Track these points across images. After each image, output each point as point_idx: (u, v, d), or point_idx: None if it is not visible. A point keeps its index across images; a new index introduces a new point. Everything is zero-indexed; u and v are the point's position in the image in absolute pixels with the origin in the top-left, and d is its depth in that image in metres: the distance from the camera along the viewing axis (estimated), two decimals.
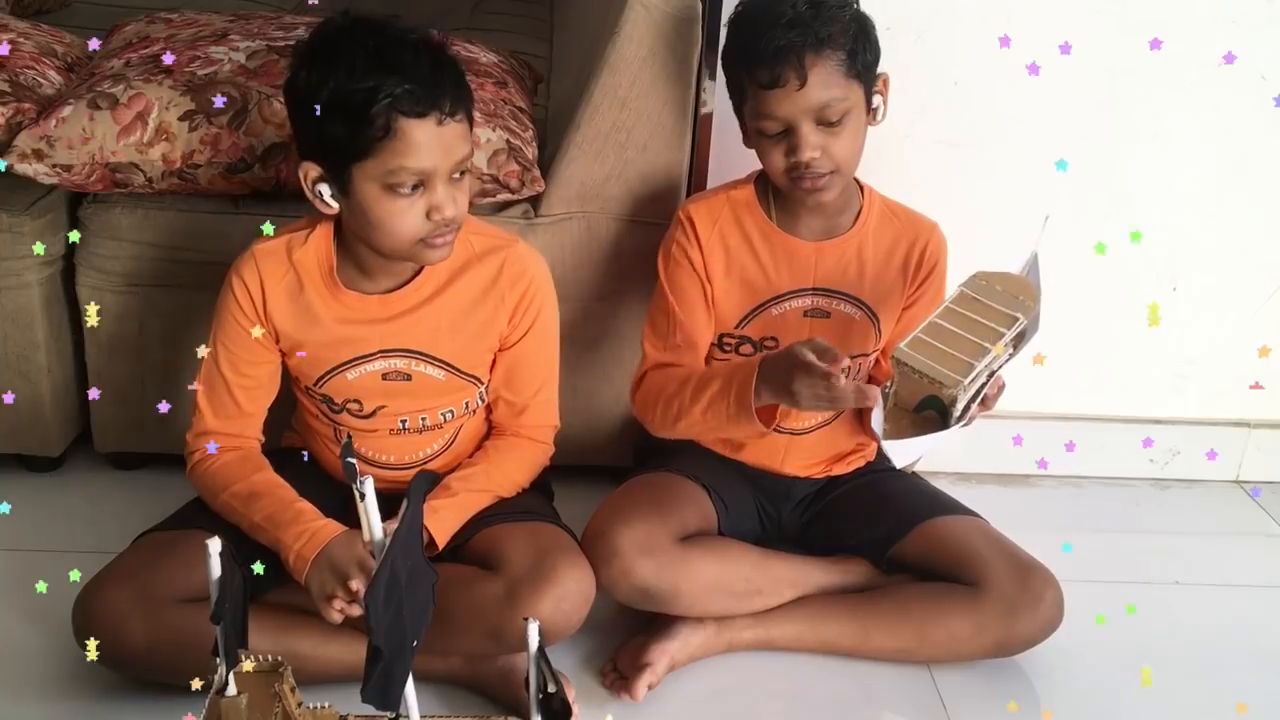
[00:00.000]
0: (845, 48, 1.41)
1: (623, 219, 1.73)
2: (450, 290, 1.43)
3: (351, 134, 1.25)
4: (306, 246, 1.41)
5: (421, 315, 1.43)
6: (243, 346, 1.42)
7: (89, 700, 1.39)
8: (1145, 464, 2.06)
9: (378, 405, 1.46)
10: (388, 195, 1.29)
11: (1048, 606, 1.50)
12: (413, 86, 1.25)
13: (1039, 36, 1.59)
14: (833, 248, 1.55)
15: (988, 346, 1.33)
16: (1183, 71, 1.80)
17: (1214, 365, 2.01)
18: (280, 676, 1.12)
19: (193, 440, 1.45)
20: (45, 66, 1.80)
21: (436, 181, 1.30)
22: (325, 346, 1.42)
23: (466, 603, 1.36)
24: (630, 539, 1.45)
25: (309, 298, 1.41)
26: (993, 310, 1.37)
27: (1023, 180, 1.82)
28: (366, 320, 1.42)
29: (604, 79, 1.64)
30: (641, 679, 1.45)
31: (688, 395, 1.51)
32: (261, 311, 1.41)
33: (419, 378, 1.45)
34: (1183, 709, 1.51)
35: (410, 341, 1.43)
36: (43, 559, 1.61)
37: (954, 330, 1.35)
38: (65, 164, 1.61)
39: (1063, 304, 1.93)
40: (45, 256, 1.68)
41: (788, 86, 1.40)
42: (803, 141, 1.43)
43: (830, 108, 1.42)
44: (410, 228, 1.31)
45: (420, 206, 1.31)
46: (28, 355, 1.70)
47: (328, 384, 1.45)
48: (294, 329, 1.42)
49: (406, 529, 0.96)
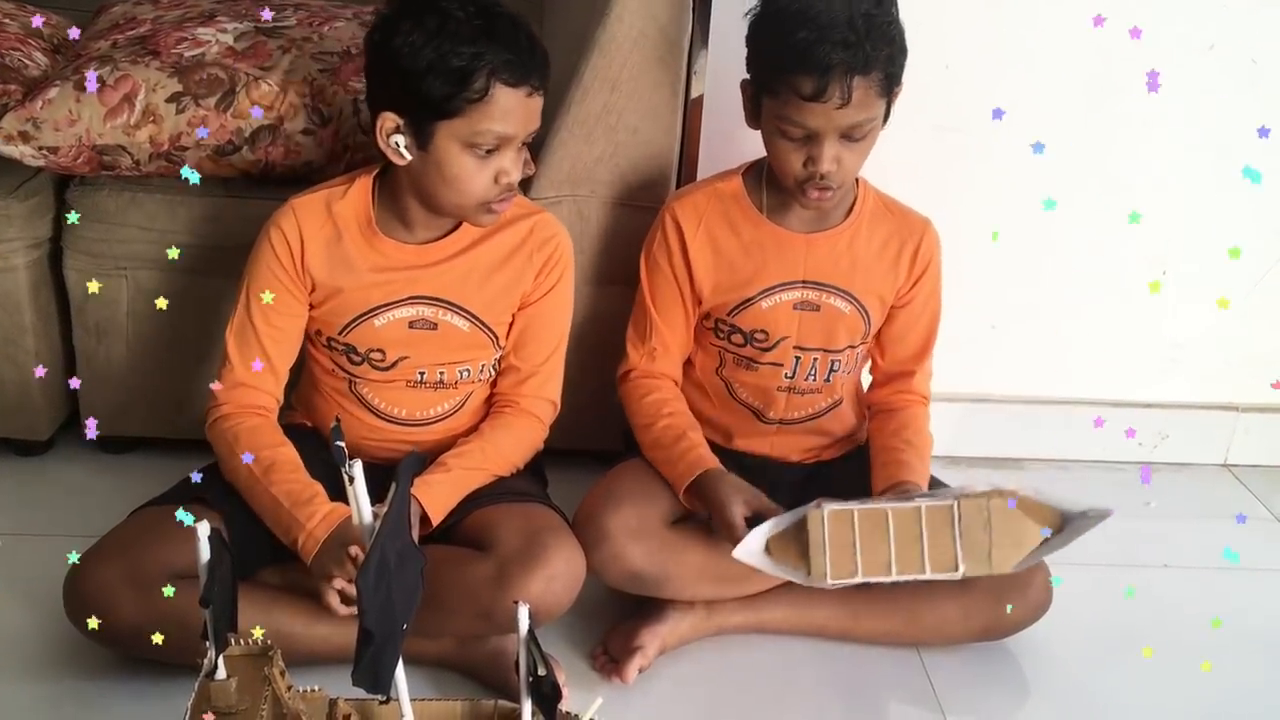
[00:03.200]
0: (886, 69, 1.40)
1: (613, 202, 1.73)
2: (483, 245, 1.48)
3: (449, 93, 1.32)
4: (345, 199, 1.45)
5: (453, 265, 1.47)
6: (277, 298, 1.44)
7: (82, 680, 1.39)
8: (1133, 447, 2.06)
9: (401, 355, 1.48)
10: (466, 154, 1.36)
11: (1036, 590, 1.50)
12: (513, 57, 1.33)
13: (1030, 20, 1.59)
14: (824, 239, 1.54)
15: (892, 574, 1.35)
16: (1173, 56, 1.80)
17: (1203, 349, 2.02)
18: (270, 660, 1.12)
19: (222, 392, 1.45)
20: (31, 48, 1.78)
21: (510, 148, 1.37)
22: (357, 292, 1.45)
23: (457, 583, 1.37)
24: (620, 523, 1.46)
25: (346, 247, 1.44)
26: (942, 547, 1.36)
27: (1014, 165, 1.81)
28: (401, 267, 1.45)
29: (594, 60, 1.64)
30: (632, 662, 1.46)
31: (644, 436, 1.57)
32: (299, 262, 1.44)
33: (444, 327, 1.47)
34: (1171, 691, 1.52)
35: (440, 289, 1.46)
36: (32, 543, 1.60)
37: (885, 535, 1.36)
38: (52, 146, 1.60)
39: (1054, 288, 1.95)
40: (32, 239, 1.67)
41: (829, 103, 1.38)
42: (825, 154, 1.42)
43: (861, 127, 1.41)
44: (480, 188, 1.38)
45: (491, 169, 1.37)
46: (15, 339, 1.70)
47: (353, 332, 1.46)
48: (329, 277, 1.45)
49: (396, 511, 0.96)
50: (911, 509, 1.37)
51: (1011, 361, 2.01)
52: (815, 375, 1.59)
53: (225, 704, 1.06)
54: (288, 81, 1.65)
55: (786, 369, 1.59)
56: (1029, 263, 1.92)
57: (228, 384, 1.45)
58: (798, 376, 1.59)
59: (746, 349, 1.59)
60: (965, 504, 1.37)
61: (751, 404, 1.62)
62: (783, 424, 1.63)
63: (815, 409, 1.63)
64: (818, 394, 1.62)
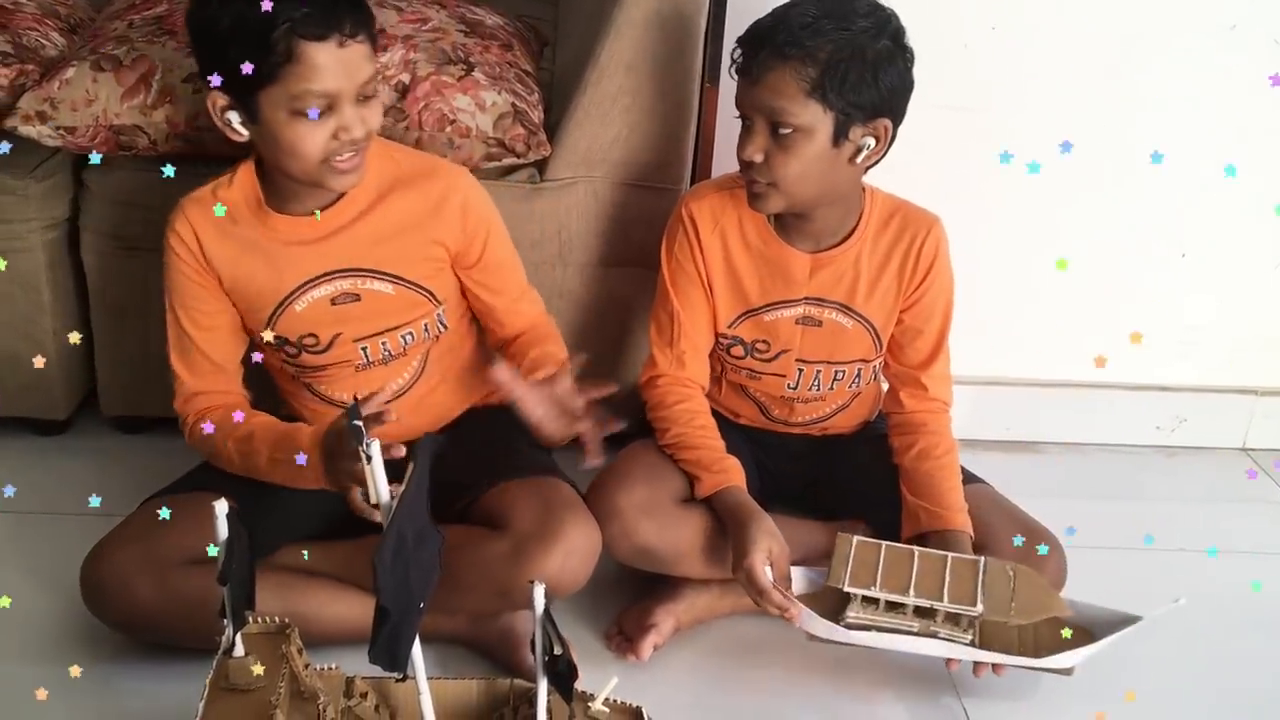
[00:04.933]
0: (817, 66, 1.36)
1: (628, 184, 1.72)
2: (383, 205, 1.44)
3: (255, 60, 1.25)
4: (232, 186, 1.42)
5: (357, 230, 1.43)
6: (197, 299, 1.43)
7: (98, 662, 1.39)
8: (1151, 431, 2.06)
9: (333, 334, 1.45)
10: (295, 120, 1.30)
11: (1053, 570, 1.50)
12: (310, 10, 1.26)
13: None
14: (829, 259, 1.53)
15: (910, 595, 1.36)
16: (1191, 36, 1.79)
17: (1221, 332, 2.01)
18: (287, 638, 1.12)
19: (182, 406, 1.46)
20: (48, 28, 1.78)
21: (344, 103, 1.31)
22: (267, 278, 1.43)
23: (474, 561, 1.37)
24: (631, 500, 1.46)
25: (242, 231, 1.42)
26: (964, 586, 1.37)
27: (1030, 148, 1.80)
28: (301, 242, 1.42)
29: (610, 42, 1.63)
30: (647, 639, 1.46)
31: (667, 439, 1.55)
32: (201, 257, 1.42)
33: (368, 296, 1.45)
34: (1187, 675, 1.52)
35: (351, 259, 1.43)
36: (49, 522, 1.62)
37: (909, 566, 1.39)
38: (69, 126, 1.60)
39: (1072, 274, 1.94)
40: (50, 220, 1.68)
41: (746, 76, 1.40)
42: (747, 136, 1.42)
43: (782, 116, 1.38)
44: (318, 149, 1.32)
45: (328, 128, 1.31)
46: (34, 319, 1.70)
47: (279, 322, 1.44)
48: (233, 267, 1.42)
49: (413, 491, 0.96)
50: (938, 555, 1.42)
51: (1026, 343, 2.00)
52: (819, 385, 1.60)
53: (243, 680, 1.07)
54: None
55: (789, 380, 1.59)
56: (1044, 243, 1.90)
57: (185, 398, 1.46)
58: (801, 388, 1.60)
59: (747, 360, 1.59)
60: (991, 562, 1.41)
61: (756, 399, 1.64)
62: (788, 424, 1.65)
63: (821, 413, 1.64)
64: (822, 401, 1.63)
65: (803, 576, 1.46)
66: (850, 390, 1.62)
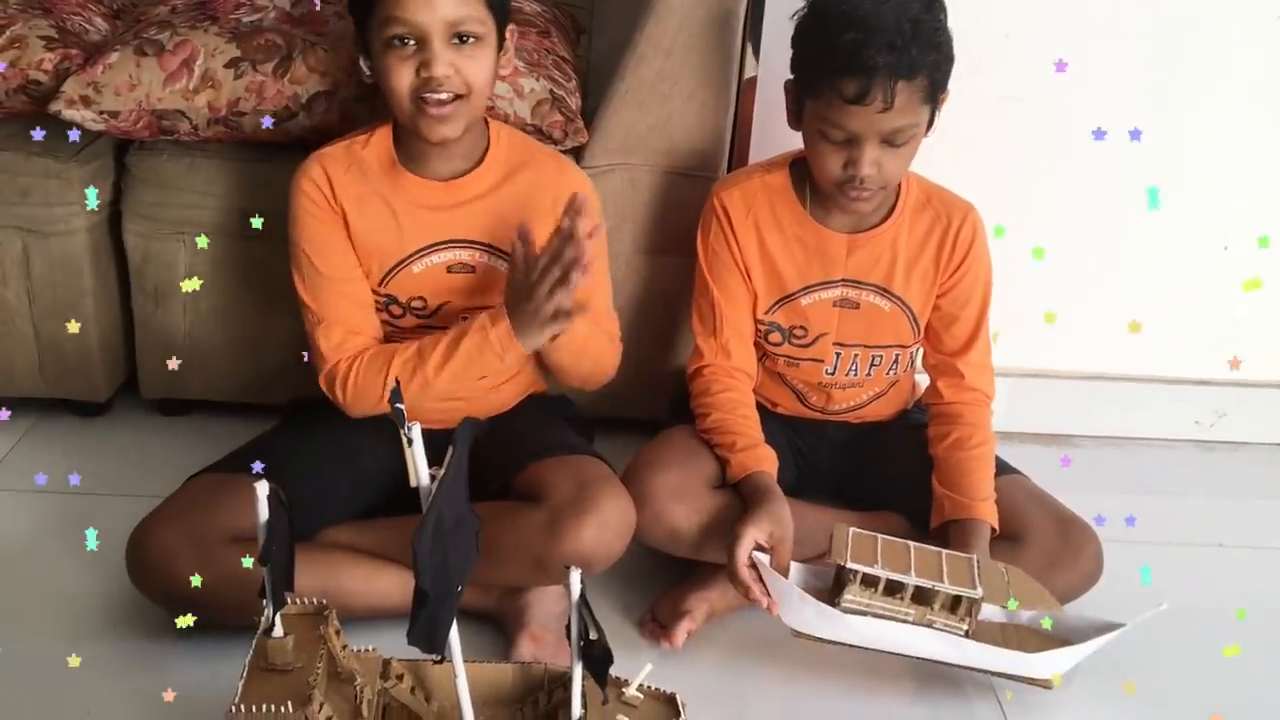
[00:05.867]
0: (931, 75, 1.39)
1: (666, 171, 1.72)
2: (510, 184, 1.48)
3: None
4: (368, 145, 1.47)
5: (487, 205, 1.47)
6: (329, 242, 1.45)
7: (143, 641, 1.41)
8: (1190, 425, 2.04)
9: (442, 301, 1.48)
10: (389, 50, 1.37)
11: (1087, 559, 1.49)
12: None
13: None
14: (866, 240, 1.54)
15: (910, 576, 1.35)
16: (1240, 26, 1.76)
17: (1262, 327, 1.98)
18: (325, 620, 1.13)
19: (331, 352, 1.45)
20: (91, 13, 1.80)
21: (432, 40, 1.35)
22: (391, 234, 1.46)
23: (510, 533, 1.38)
24: (663, 484, 1.47)
25: (374, 186, 1.45)
26: (961, 574, 1.36)
27: (1072, 138, 1.79)
28: (431, 206, 1.46)
29: (649, 28, 1.63)
30: (681, 626, 1.46)
31: (704, 424, 1.55)
32: (332, 199, 1.45)
33: (482, 269, 1.48)
34: (1224, 671, 1.50)
35: (473, 231, 1.47)
36: (91, 502, 1.63)
37: (906, 557, 1.38)
38: (112, 110, 1.61)
39: (1112, 265, 1.92)
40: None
41: (870, 106, 1.38)
42: (865, 157, 1.41)
43: (902, 133, 1.40)
44: (406, 83, 1.37)
45: (413, 64, 1.37)
46: (75, 302, 1.72)
47: (392, 281, 1.47)
48: (360, 213, 1.45)
49: (453, 475, 0.96)
50: (933, 550, 1.40)
51: (1066, 337, 1.98)
52: (856, 370, 1.60)
53: (282, 660, 1.08)
54: (342, 47, 1.66)
55: (827, 364, 1.59)
56: (1085, 236, 1.89)
57: (335, 343, 1.45)
58: (839, 372, 1.60)
59: (784, 346, 1.59)
60: (985, 560, 1.42)
61: (794, 387, 1.64)
62: (825, 411, 1.64)
63: (858, 400, 1.64)
64: (859, 387, 1.62)
65: (803, 572, 1.44)
66: (888, 377, 1.62)
